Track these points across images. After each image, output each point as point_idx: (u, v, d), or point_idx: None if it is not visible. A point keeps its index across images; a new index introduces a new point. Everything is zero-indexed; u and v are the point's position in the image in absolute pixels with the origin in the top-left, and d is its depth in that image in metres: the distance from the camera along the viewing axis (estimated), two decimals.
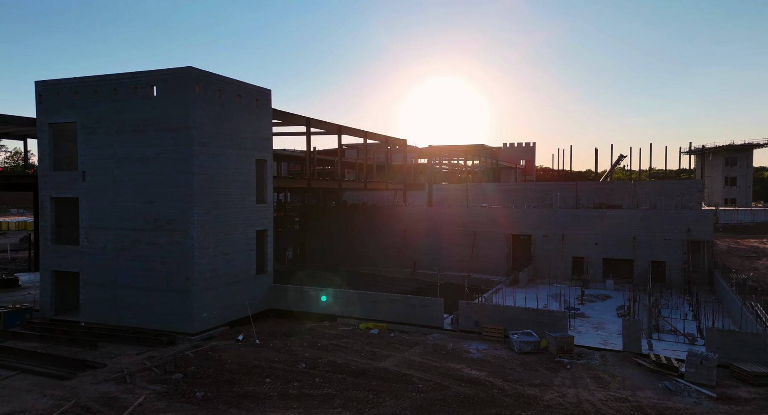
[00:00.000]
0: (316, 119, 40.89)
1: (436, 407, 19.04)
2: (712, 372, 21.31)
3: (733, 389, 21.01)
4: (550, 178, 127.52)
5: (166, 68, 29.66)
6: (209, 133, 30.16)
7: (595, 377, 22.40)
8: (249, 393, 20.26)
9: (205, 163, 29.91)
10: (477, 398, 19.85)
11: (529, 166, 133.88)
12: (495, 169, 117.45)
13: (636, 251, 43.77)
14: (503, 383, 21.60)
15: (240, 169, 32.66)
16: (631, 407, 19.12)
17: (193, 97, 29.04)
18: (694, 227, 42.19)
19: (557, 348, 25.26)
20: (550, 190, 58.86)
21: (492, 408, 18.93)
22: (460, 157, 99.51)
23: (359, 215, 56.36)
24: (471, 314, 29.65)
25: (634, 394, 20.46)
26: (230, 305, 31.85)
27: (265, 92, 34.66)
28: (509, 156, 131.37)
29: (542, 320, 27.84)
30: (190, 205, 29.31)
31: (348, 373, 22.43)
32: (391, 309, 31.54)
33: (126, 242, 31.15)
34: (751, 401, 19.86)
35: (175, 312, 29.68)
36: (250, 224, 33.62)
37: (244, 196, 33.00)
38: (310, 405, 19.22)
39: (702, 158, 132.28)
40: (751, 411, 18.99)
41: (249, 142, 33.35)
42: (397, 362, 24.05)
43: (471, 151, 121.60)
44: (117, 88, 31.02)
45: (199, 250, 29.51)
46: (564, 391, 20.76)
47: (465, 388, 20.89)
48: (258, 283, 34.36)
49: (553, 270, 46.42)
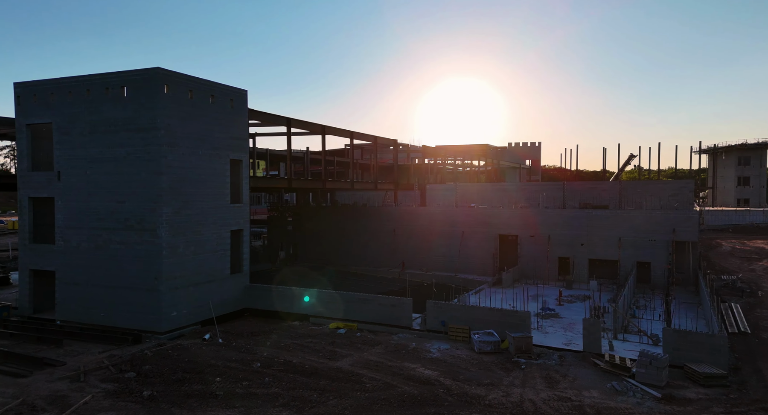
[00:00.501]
0: (296, 119, 40.99)
1: (377, 406, 18.99)
2: (661, 373, 21.02)
3: (682, 390, 20.69)
4: (564, 177, 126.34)
5: (136, 69, 29.98)
6: (179, 133, 30.39)
7: (546, 377, 22.18)
8: (195, 392, 20.37)
9: (174, 163, 30.14)
10: (420, 397, 19.76)
11: (535, 166, 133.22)
12: (500, 169, 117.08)
13: (621, 252, 43.27)
14: (452, 382, 21.48)
15: (213, 170, 32.86)
16: (571, 407, 18.91)
17: (161, 98, 29.29)
18: (679, 227, 41.59)
19: (516, 348, 25.05)
20: (542, 190, 58.39)
21: (432, 407, 18.83)
22: (465, 157, 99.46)
23: (350, 215, 56.40)
24: (438, 314, 29.52)
25: (579, 394, 20.23)
26: (203, 304, 32.03)
27: (240, 93, 34.84)
28: (516, 155, 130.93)
29: (506, 321, 27.64)
30: (159, 205, 29.55)
31: (300, 372, 22.46)
32: (362, 309, 31.50)
33: (99, 242, 31.51)
34: (696, 402, 19.54)
35: (145, 311, 29.94)
36: (224, 223, 33.80)
37: (217, 196, 33.18)
38: (252, 404, 19.27)
39: (714, 158, 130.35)
40: (692, 412, 18.69)
41: (223, 142, 33.54)
42: (353, 362, 24.02)
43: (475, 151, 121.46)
44: (90, 89, 31.39)
45: (167, 249, 29.74)
46: (510, 390, 20.58)
47: (412, 388, 20.81)
48: (233, 282, 34.53)
49: (539, 271, 46.10)
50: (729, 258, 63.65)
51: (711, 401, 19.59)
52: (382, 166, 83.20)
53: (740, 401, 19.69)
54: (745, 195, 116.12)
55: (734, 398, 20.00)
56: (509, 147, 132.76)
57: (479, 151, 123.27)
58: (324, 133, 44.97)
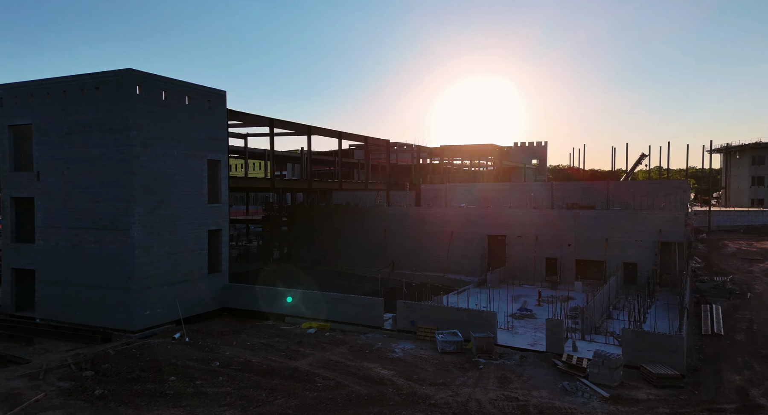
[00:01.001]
0: (279, 120, 41.14)
1: (321, 406, 18.98)
2: (613, 373, 20.80)
3: (633, 391, 20.44)
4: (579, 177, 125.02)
5: (108, 70, 30.34)
6: (153, 134, 30.66)
7: (501, 377, 22.03)
8: (147, 391, 20.51)
9: (148, 163, 30.41)
10: (368, 397, 19.73)
11: (541, 166, 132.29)
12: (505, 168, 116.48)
13: (608, 253, 42.79)
14: (405, 382, 21.42)
15: (189, 170, 33.09)
16: (516, 406, 18.78)
17: (132, 99, 29.60)
18: (665, 228, 41.01)
19: (477, 348, 24.91)
20: (538, 190, 57.99)
21: (376, 407, 18.78)
22: (469, 157, 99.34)
23: (342, 215, 56.48)
24: (408, 314, 29.46)
25: (528, 393, 20.07)
26: (179, 303, 32.26)
27: (218, 93, 35.07)
28: (522, 155, 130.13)
29: (473, 321, 27.50)
30: (131, 205, 29.85)
31: (256, 372, 22.53)
32: (335, 309, 31.53)
33: (75, 241, 31.91)
34: (643, 402, 19.30)
35: (118, 310, 30.27)
36: (201, 223, 34.03)
37: (194, 196, 33.41)
38: (199, 403, 19.36)
39: (727, 157, 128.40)
40: (636, 412, 18.49)
41: (200, 142, 33.78)
42: (312, 362, 24.06)
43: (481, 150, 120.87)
44: (66, 91, 31.82)
45: (140, 249, 30.02)
46: (460, 390, 20.47)
47: (362, 387, 20.79)
48: (211, 282, 34.75)
49: (527, 271, 45.76)
50: (731, 259, 62.74)
51: (659, 402, 19.32)
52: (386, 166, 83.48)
53: (688, 402, 19.41)
54: (760, 195, 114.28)
55: (684, 399, 19.73)
56: (515, 147, 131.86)
57: (484, 151, 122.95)
58: (310, 134, 45.08)
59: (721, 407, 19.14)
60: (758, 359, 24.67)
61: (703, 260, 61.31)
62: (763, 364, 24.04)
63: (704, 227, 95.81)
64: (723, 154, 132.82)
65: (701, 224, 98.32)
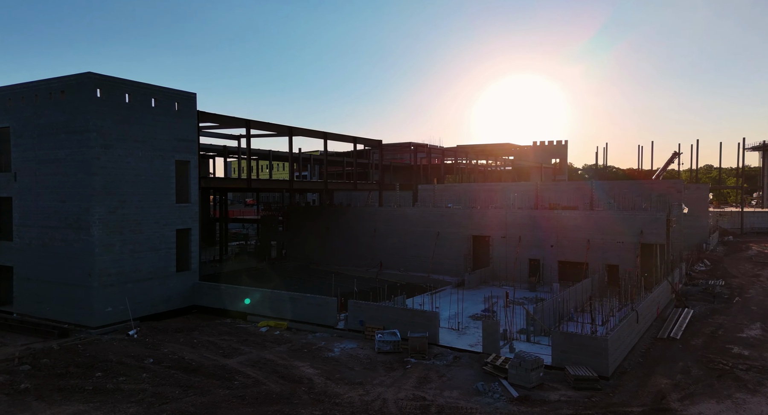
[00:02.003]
0: (256, 121, 41.65)
1: (225, 404, 19.20)
2: (529, 374, 20.48)
3: (549, 392, 20.10)
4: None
5: (71, 74, 31.34)
6: (114, 135, 31.52)
7: (423, 377, 21.90)
8: (68, 386, 21.05)
9: (109, 164, 31.28)
10: (277, 395, 19.88)
11: (561, 165, 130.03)
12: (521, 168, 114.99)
13: (590, 254, 41.86)
14: (323, 381, 21.50)
15: (155, 170, 33.88)
16: (418, 406, 18.68)
17: (92, 101, 30.50)
18: (647, 229, 39.86)
19: (411, 348, 24.80)
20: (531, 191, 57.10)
21: (278, 405, 18.92)
22: (487, 156, 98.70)
23: (334, 215, 56.83)
24: (358, 314, 29.49)
25: (439, 394, 19.93)
26: (144, 301, 33.07)
27: (187, 96, 35.78)
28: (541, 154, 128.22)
29: (416, 321, 27.36)
30: (92, 205, 30.75)
31: (183, 369, 22.93)
32: (293, 308, 31.78)
33: (45, 239, 33.07)
34: (550, 403, 18.99)
35: (80, 306, 31.24)
36: (168, 222, 34.78)
37: (160, 196, 34.16)
38: (110, 400, 19.76)
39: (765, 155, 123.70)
40: (537, 412, 18.24)
41: (167, 144, 34.53)
42: (245, 360, 24.35)
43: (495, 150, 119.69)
44: (37, 95, 33.00)
45: (100, 247, 30.89)
46: (373, 389, 20.42)
47: (278, 386, 20.96)
48: (179, 280, 35.47)
49: (510, 272, 45.16)
50: (743, 263, 60.66)
51: (566, 403, 18.95)
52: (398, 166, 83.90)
53: (596, 404, 19.01)
54: None
55: (595, 400, 19.35)
56: (533, 146, 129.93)
57: (500, 150, 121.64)
58: (291, 135, 45.49)
59: (628, 409, 18.63)
60: (700, 364, 23.85)
61: (712, 263, 59.37)
62: (703, 369, 23.23)
63: (736, 228, 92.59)
64: (761, 152, 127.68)
65: (733, 225, 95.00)
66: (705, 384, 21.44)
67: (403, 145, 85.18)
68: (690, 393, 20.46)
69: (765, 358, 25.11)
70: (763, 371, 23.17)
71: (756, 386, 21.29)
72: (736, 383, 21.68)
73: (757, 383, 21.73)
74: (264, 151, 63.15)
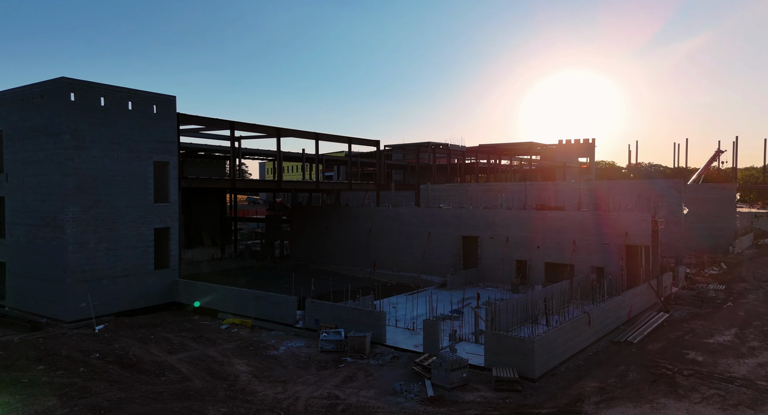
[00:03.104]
0: (240, 122, 42.51)
1: (140, 399, 19.74)
2: (449, 375, 20.53)
3: (468, 392, 20.22)
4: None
5: (48, 80, 32.80)
6: (89, 137, 32.80)
7: (350, 376, 22.09)
8: (6, 379, 21.86)
9: (83, 165, 32.57)
10: (195, 392, 20.42)
11: (590, 163, 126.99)
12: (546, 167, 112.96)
13: (576, 256, 40.98)
14: (249, 378, 21.94)
15: (132, 171, 35.05)
16: (326, 405, 18.97)
17: (66, 105, 31.84)
18: (632, 230, 38.69)
19: (350, 347, 25.00)
20: (531, 191, 56.28)
21: (190, 402, 19.43)
22: (511, 154, 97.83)
23: (332, 215, 57.38)
24: (314, 313, 29.84)
25: (356, 393, 20.11)
26: (120, 297, 34.28)
27: (166, 98, 36.88)
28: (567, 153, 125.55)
29: (365, 320, 27.52)
30: (66, 204, 32.10)
31: (121, 364, 23.71)
32: (256, 306, 32.38)
33: (30, 237, 34.73)
34: (460, 404, 19.10)
35: (56, 301, 32.68)
36: (146, 221, 35.91)
37: (136, 196, 35.30)
38: (37, 393, 20.51)
39: None
40: (444, 412, 18.32)
41: (144, 145, 35.68)
42: (186, 357, 24.98)
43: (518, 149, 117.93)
44: (23, 100, 34.68)
45: (73, 245, 32.22)
46: (292, 388, 20.72)
47: (202, 382, 21.51)
48: (158, 277, 36.57)
49: (497, 273, 44.68)
50: (764, 267, 58.21)
51: (478, 404, 19.02)
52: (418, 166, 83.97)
53: (507, 405, 19.04)
54: None
55: (509, 402, 19.33)
56: (559, 144, 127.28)
57: (524, 149, 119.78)
58: (279, 136, 46.19)
59: (537, 411, 18.42)
60: (642, 368, 23.23)
61: (729, 267, 57.11)
62: (642, 373, 22.65)
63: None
64: None
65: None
66: (633, 389, 20.88)
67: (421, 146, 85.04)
68: (611, 397, 19.98)
69: (718, 364, 24.23)
70: (705, 377, 22.37)
71: (687, 393, 20.60)
72: (668, 388, 21.04)
73: (690, 389, 21.03)
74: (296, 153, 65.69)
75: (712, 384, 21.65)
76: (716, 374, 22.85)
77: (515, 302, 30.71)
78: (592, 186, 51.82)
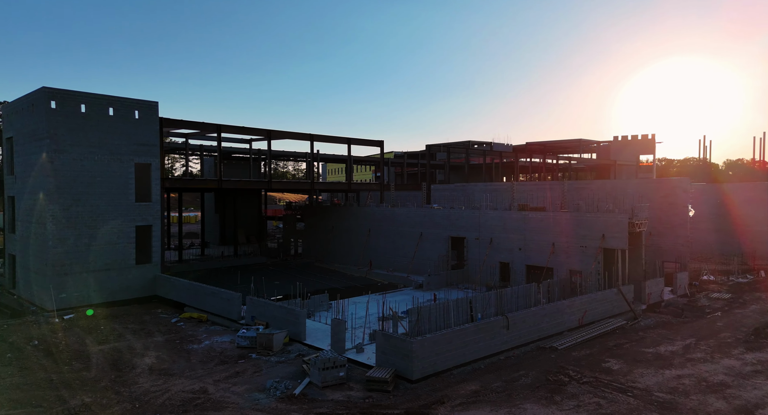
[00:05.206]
0: (228, 125, 44.42)
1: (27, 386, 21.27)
2: (321, 373, 21.20)
3: (337, 391, 20.71)
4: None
5: (35, 89, 36.03)
6: (69, 141, 35.73)
7: (239, 372, 23.07)
8: None
9: (62, 167, 35.52)
10: (80, 380, 22.00)
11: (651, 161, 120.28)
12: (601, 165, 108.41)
13: (554, 258, 39.68)
14: (144, 370, 23.36)
15: (112, 172, 37.76)
16: (187, 399, 20.00)
17: (47, 112, 34.88)
18: (609, 233, 36.94)
19: (258, 344, 25.91)
20: (533, 190, 54.70)
21: (65, 390, 20.80)
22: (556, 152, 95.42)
23: (337, 214, 58.55)
24: (251, 309, 31.02)
25: (228, 388, 21.09)
26: (101, 289, 37.08)
27: (147, 104, 39.37)
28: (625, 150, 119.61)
29: (287, 318, 28.34)
30: (47, 203, 35.20)
31: (47, 352, 25.85)
32: (211, 302, 34.00)
33: (28, 232, 38.34)
34: (319, 402, 19.70)
35: (41, 291, 35.93)
36: (127, 219, 38.53)
37: (117, 196, 37.97)
38: None
39: None
40: (295, 410, 18.97)
41: (126, 148, 38.32)
42: (110, 348, 26.76)
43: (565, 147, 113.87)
44: (23, 109, 38.33)
45: (54, 241, 35.26)
46: (172, 381, 21.92)
47: (98, 372, 23.08)
48: (139, 272, 39.15)
49: (481, 274, 44.04)
50: None
51: (332, 403, 19.54)
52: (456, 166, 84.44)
53: (359, 405, 19.33)
54: None
55: (368, 402, 19.67)
56: (614, 141, 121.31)
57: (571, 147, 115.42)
58: (270, 138, 47.78)
59: (385, 412, 18.63)
60: (542, 374, 22.69)
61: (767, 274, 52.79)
62: (536, 378, 22.21)
63: None
64: None
65: None
66: (507, 394, 20.43)
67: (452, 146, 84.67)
68: (475, 400, 19.71)
69: (630, 374, 23.03)
70: (600, 386, 21.45)
71: (564, 400, 19.90)
72: (547, 394, 20.43)
73: (571, 396, 20.28)
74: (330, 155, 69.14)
75: (601, 393, 20.73)
76: (615, 384, 21.81)
77: (457, 304, 30.36)
78: (611, 185, 49.51)
